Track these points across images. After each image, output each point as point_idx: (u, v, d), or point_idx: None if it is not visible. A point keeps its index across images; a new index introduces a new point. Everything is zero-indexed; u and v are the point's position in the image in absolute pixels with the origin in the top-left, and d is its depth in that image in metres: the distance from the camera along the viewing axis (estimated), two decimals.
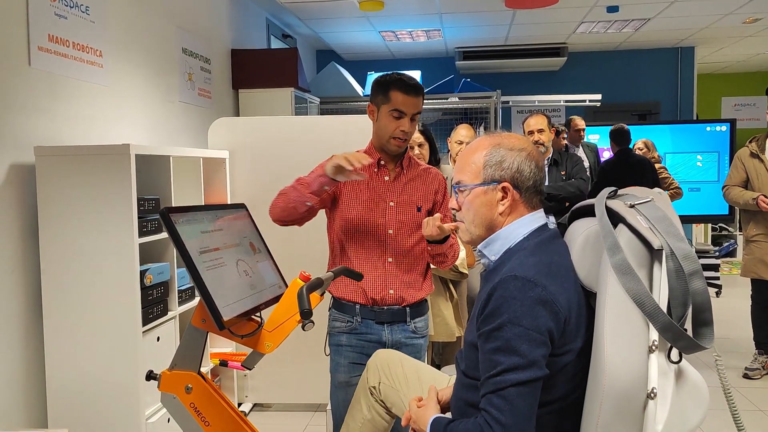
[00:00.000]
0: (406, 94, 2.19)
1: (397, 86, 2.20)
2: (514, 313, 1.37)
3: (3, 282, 2.47)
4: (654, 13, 6.19)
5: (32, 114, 2.64)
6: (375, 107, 2.27)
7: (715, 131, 7.03)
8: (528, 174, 1.55)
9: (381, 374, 1.99)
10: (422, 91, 2.24)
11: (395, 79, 2.22)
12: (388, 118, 2.21)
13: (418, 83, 2.24)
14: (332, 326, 2.33)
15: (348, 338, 2.28)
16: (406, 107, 2.20)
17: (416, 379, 1.94)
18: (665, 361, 1.33)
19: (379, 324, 2.26)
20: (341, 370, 2.29)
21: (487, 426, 1.35)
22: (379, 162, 2.30)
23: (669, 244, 1.34)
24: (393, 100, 2.20)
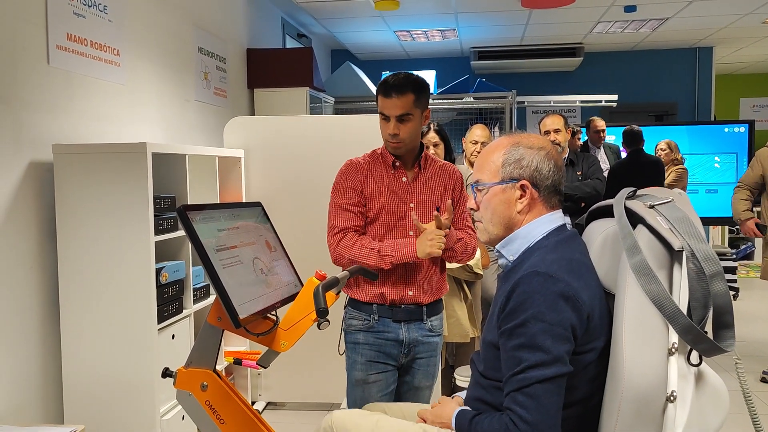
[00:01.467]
0: (385, 97, 2.19)
1: (380, 89, 2.21)
2: (538, 308, 1.35)
3: (21, 279, 2.49)
4: (672, 13, 6.14)
5: (51, 112, 2.66)
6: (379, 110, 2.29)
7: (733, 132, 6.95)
8: (547, 173, 1.53)
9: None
10: (405, 90, 2.16)
11: (381, 83, 2.22)
12: (381, 122, 2.24)
13: (403, 82, 2.17)
14: (348, 324, 2.32)
15: (365, 336, 2.27)
16: (387, 110, 2.19)
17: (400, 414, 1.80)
18: (685, 364, 1.31)
19: (396, 322, 2.25)
20: (358, 368, 2.28)
21: (512, 424, 1.33)
22: (394, 164, 2.29)
23: (690, 246, 1.32)
24: (379, 104, 2.22)
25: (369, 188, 2.27)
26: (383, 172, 2.30)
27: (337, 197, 2.29)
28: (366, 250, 2.17)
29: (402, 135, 2.19)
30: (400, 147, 2.24)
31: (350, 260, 2.19)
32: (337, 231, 2.23)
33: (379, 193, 2.26)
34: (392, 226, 2.26)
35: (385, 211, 2.25)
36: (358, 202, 2.25)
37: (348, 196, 2.25)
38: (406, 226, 2.26)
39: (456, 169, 2.41)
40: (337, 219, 2.25)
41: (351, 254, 2.19)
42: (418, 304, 2.26)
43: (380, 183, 2.28)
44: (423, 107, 2.24)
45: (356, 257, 2.17)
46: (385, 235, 2.25)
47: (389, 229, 2.26)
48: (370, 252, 2.16)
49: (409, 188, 2.29)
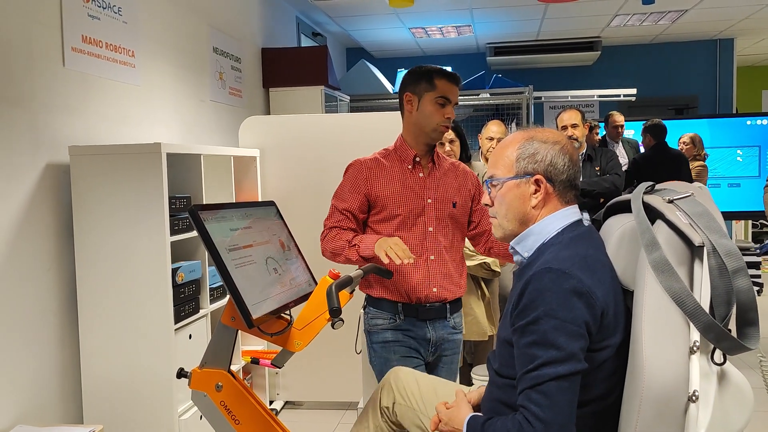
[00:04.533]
0: (450, 82, 2.21)
1: (441, 74, 2.21)
2: (550, 305, 1.33)
3: (39, 280, 2.51)
4: (691, 5, 6.03)
5: (66, 114, 2.68)
6: (415, 96, 2.24)
7: (755, 125, 6.82)
8: (562, 167, 1.51)
9: (396, 394, 1.91)
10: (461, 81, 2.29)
11: (437, 69, 2.23)
12: (433, 106, 2.20)
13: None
14: (373, 324, 2.29)
15: (394, 334, 2.24)
16: (452, 94, 2.21)
17: (433, 395, 1.87)
18: (707, 362, 1.27)
19: (421, 321, 2.23)
20: (394, 365, 2.17)
21: (527, 423, 1.31)
22: (414, 159, 2.27)
23: (711, 241, 1.29)
24: (438, 87, 2.19)
25: (378, 187, 2.25)
26: (398, 169, 2.27)
27: (335, 198, 2.30)
28: (341, 242, 2.19)
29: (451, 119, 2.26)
30: (446, 132, 2.29)
31: (331, 253, 2.23)
32: (325, 228, 2.27)
33: (394, 191, 2.24)
34: (411, 223, 2.24)
35: (402, 208, 2.23)
36: (353, 207, 2.24)
37: (345, 198, 2.25)
38: (425, 222, 2.24)
39: (468, 168, 2.42)
40: (329, 219, 2.28)
41: (330, 247, 2.22)
42: (443, 302, 2.25)
43: (394, 180, 2.25)
44: None
45: (333, 249, 2.21)
46: (404, 229, 2.23)
47: (409, 226, 2.24)
48: (344, 244, 2.19)
49: (425, 184, 2.27)
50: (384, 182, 2.24)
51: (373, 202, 2.25)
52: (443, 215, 2.26)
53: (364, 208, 2.25)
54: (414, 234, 2.23)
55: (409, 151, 2.28)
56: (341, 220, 2.24)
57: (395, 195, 2.23)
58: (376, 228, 2.25)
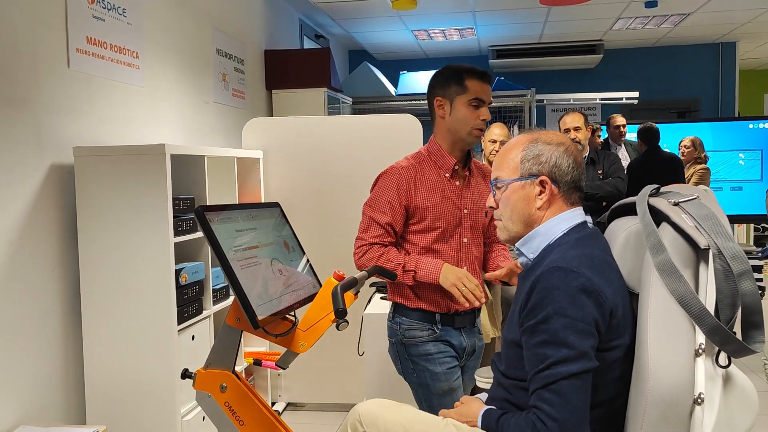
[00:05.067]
0: (483, 81, 2.08)
1: (472, 74, 2.07)
2: (559, 303, 1.33)
3: (43, 280, 2.52)
4: (694, 8, 6.04)
5: (71, 115, 2.69)
6: (446, 100, 2.10)
7: (758, 128, 6.82)
8: (566, 168, 1.51)
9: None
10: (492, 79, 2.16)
11: (467, 68, 2.09)
12: (467, 109, 2.07)
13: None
14: (410, 336, 2.15)
15: (436, 345, 2.13)
16: (485, 95, 2.08)
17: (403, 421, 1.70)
18: (712, 365, 1.28)
19: (456, 330, 2.15)
20: (441, 378, 2.12)
21: (540, 423, 1.30)
22: (454, 167, 2.15)
23: (716, 244, 1.29)
24: (470, 89, 2.06)
25: (420, 198, 2.10)
26: (435, 177, 2.13)
27: (371, 209, 2.13)
28: (391, 264, 2.07)
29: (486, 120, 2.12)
30: (482, 135, 2.17)
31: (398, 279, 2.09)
32: (364, 244, 2.12)
33: (434, 202, 2.10)
34: (449, 235, 2.13)
35: (442, 220, 2.11)
36: (396, 221, 2.10)
37: (384, 211, 2.09)
38: (461, 233, 2.15)
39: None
40: (367, 232, 2.12)
41: (365, 258, 2.11)
42: (474, 308, 2.16)
43: (435, 190, 2.11)
44: None
45: (370, 259, 2.10)
46: (441, 243, 2.12)
47: (446, 237, 2.13)
48: (395, 266, 2.06)
49: (463, 193, 2.16)
50: (425, 193, 2.10)
51: (412, 212, 2.11)
52: (477, 225, 2.18)
53: (404, 220, 2.13)
54: (451, 246, 2.14)
55: (447, 158, 2.14)
56: (382, 235, 2.10)
57: (436, 207, 2.10)
58: (412, 239, 2.13)
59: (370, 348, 2.81)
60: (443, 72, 2.14)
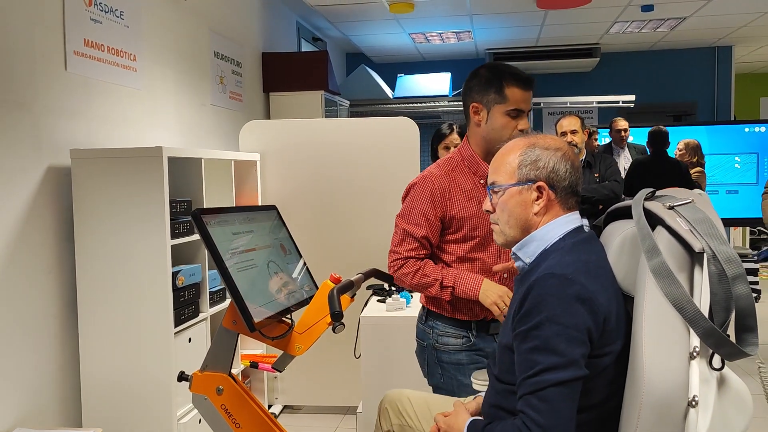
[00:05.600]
0: (524, 90, 1.93)
1: (513, 81, 1.92)
2: (552, 311, 1.33)
3: (40, 283, 2.52)
4: (690, 12, 6.06)
5: (68, 117, 2.69)
6: (483, 107, 1.98)
7: (753, 132, 6.85)
8: (564, 174, 1.51)
9: (393, 416, 1.89)
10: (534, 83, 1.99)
11: (508, 72, 1.94)
12: (504, 119, 1.95)
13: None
14: (443, 342, 2.08)
15: (468, 356, 2.06)
16: (525, 104, 1.94)
17: (426, 411, 1.86)
18: (707, 368, 1.28)
19: (490, 336, 2.09)
20: (469, 390, 2.03)
21: (525, 428, 1.31)
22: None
23: (711, 247, 1.29)
24: (510, 98, 1.93)
25: (456, 208, 2.01)
26: (471, 184, 2.03)
27: (405, 221, 2.04)
28: (428, 279, 1.99)
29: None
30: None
31: (413, 286, 2.03)
32: (398, 258, 2.04)
33: (471, 211, 2.01)
34: (486, 243, 2.03)
35: (480, 229, 2.01)
36: (432, 234, 2.02)
37: (419, 224, 2.01)
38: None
39: None
40: (402, 245, 2.03)
41: (411, 282, 2.02)
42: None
43: (471, 198, 2.02)
44: None
45: (417, 285, 2.01)
46: (479, 252, 2.04)
47: (484, 246, 2.04)
48: (432, 282, 1.99)
49: None
50: (461, 202, 2.01)
51: (448, 222, 2.02)
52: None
53: (440, 231, 2.04)
54: (489, 253, 2.04)
55: (482, 165, 2.02)
56: (417, 248, 2.01)
57: (472, 216, 2.01)
58: (449, 249, 2.05)
59: (367, 351, 2.82)
60: (482, 74, 1.99)
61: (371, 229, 3.64)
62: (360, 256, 3.60)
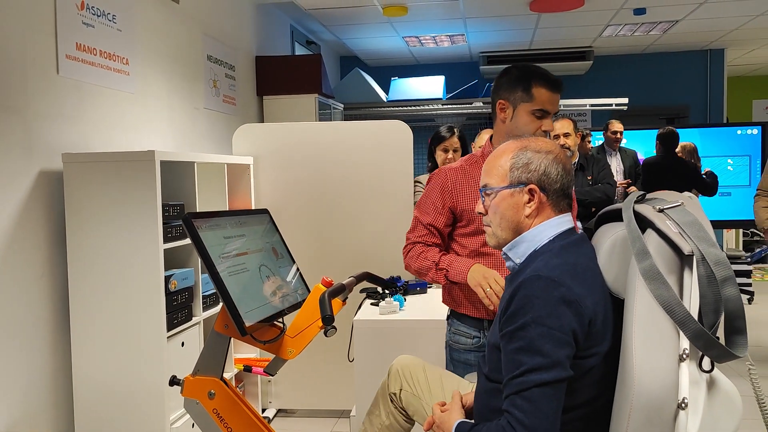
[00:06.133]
0: (551, 91, 1.94)
1: (541, 81, 1.94)
2: (538, 312, 1.34)
3: (32, 287, 2.51)
4: (682, 15, 6.09)
5: (60, 121, 2.68)
6: (509, 104, 2.00)
7: (746, 134, 6.88)
8: (555, 176, 1.52)
9: (403, 381, 1.96)
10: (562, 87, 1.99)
11: (537, 73, 1.96)
12: (528, 118, 1.96)
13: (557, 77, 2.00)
14: (455, 341, 2.12)
15: (477, 357, 2.05)
16: (551, 105, 1.95)
17: (439, 386, 1.91)
18: (696, 370, 1.29)
19: None
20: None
21: (510, 428, 1.32)
22: None
23: (700, 250, 1.30)
24: (537, 98, 1.94)
25: (464, 201, 2.04)
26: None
27: (418, 210, 2.12)
28: (427, 262, 2.02)
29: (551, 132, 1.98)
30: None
31: (416, 272, 2.06)
32: (408, 243, 2.11)
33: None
34: None
35: None
36: (437, 222, 2.07)
37: (427, 212, 2.08)
38: None
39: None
40: (413, 232, 2.11)
41: (415, 266, 2.06)
42: None
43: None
44: None
45: (419, 269, 2.05)
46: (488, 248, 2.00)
47: None
48: (431, 265, 2.02)
49: None
50: (470, 195, 2.03)
51: (459, 215, 2.06)
52: None
53: (449, 221, 2.08)
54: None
55: None
56: (425, 235, 2.07)
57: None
58: (462, 242, 2.07)
59: (361, 354, 2.81)
60: (512, 72, 2.01)
61: (364, 232, 3.65)
62: (353, 260, 3.60)
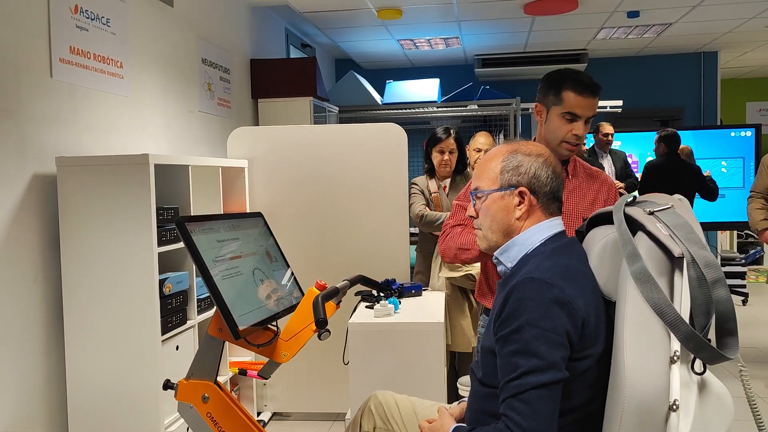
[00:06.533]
0: (581, 95, 1.97)
1: (571, 85, 1.98)
2: (532, 314, 1.35)
3: (25, 291, 2.50)
4: (676, 18, 6.12)
5: (54, 125, 2.68)
6: (544, 108, 2.06)
7: (739, 136, 6.91)
8: (545, 179, 1.53)
9: (377, 418, 1.89)
10: (598, 91, 2.00)
11: (569, 77, 2.00)
12: (559, 121, 2.01)
13: (594, 81, 2.01)
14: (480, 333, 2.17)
15: None
16: (581, 109, 1.98)
17: (413, 416, 1.87)
18: (687, 372, 1.29)
19: None
20: None
21: (508, 431, 1.32)
22: None
23: (690, 252, 1.31)
24: (565, 102, 1.99)
25: None
26: None
27: (457, 198, 2.15)
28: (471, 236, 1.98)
29: (583, 138, 2.01)
30: (575, 150, 2.06)
31: (459, 249, 2.02)
32: (446, 227, 2.10)
33: None
34: None
35: None
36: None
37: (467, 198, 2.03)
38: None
39: (608, 178, 2.17)
40: (452, 218, 2.11)
41: (458, 242, 2.02)
42: None
43: None
44: None
45: (463, 244, 2.01)
46: None
47: None
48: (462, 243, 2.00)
49: None
50: None
51: None
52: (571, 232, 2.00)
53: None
54: None
55: None
56: (465, 219, 2.05)
57: None
58: None
59: (356, 357, 2.81)
60: (549, 76, 2.05)
61: (359, 235, 3.65)
62: (348, 263, 3.60)
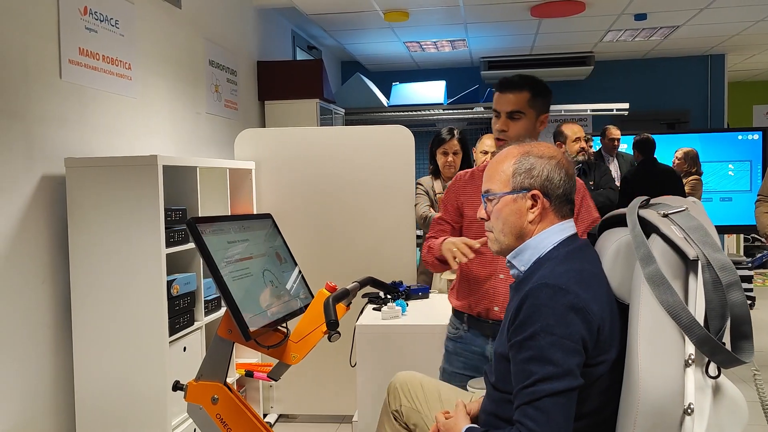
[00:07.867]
0: (498, 92, 2.12)
1: (496, 86, 2.14)
2: (547, 321, 1.34)
3: (34, 292, 2.50)
4: (683, 21, 6.11)
5: (63, 126, 2.68)
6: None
7: (747, 140, 6.89)
8: (558, 182, 1.52)
9: (402, 397, 1.94)
10: (514, 86, 2.08)
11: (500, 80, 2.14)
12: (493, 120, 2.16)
13: (518, 79, 2.11)
14: (448, 330, 2.29)
15: (453, 345, 2.23)
16: (498, 105, 2.11)
17: (437, 399, 1.90)
18: (702, 375, 1.28)
19: (485, 336, 2.15)
20: (445, 377, 2.23)
21: None
22: None
23: (705, 255, 1.30)
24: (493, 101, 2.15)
25: (465, 204, 2.18)
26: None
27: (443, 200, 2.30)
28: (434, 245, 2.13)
29: (510, 133, 2.08)
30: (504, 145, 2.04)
31: (436, 260, 2.14)
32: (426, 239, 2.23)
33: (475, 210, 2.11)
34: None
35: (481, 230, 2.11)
36: (449, 218, 2.23)
37: (445, 209, 2.25)
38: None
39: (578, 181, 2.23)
40: (430, 230, 2.26)
41: (431, 258, 2.16)
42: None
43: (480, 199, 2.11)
44: (538, 109, 2.12)
45: (437, 257, 2.12)
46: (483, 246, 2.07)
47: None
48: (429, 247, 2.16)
49: None
50: (471, 200, 2.17)
51: (463, 216, 2.21)
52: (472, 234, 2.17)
53: (459, 219, 2.22)
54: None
55: None
56: (438, 231, 2.22)
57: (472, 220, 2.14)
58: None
59: (363, 359, 2.81)
60: None
61: (367, 237, 3.64)
62: (356, 264, 3.60)
